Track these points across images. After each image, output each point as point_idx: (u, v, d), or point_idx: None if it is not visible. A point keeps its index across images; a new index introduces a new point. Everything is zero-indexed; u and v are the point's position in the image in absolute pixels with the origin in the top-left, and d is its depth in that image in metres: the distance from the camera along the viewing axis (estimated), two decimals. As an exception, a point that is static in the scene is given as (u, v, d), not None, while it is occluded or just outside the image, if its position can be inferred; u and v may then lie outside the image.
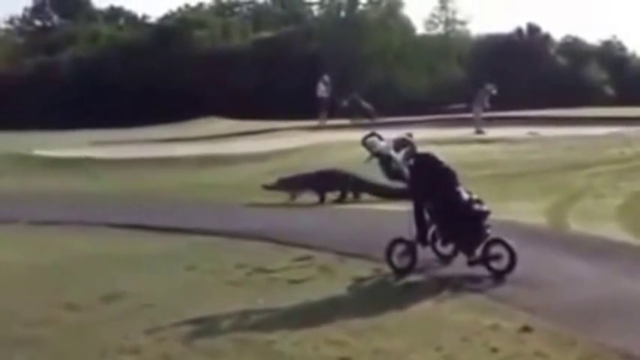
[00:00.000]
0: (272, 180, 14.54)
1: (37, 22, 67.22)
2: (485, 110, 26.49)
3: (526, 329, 6.19)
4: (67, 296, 7.58)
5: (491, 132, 24.75)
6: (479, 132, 25.31)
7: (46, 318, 6.93)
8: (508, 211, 10.67)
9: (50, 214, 13.01)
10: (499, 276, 7.69)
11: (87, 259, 9.51)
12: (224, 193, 15.60)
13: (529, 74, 49.61)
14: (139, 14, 67.66)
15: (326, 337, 6.17)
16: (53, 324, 6.78)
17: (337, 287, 7.70)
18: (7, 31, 66.32)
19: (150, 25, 62.52)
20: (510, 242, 7.78)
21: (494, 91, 26.68)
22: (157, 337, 6.35)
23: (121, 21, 66.72)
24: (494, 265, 7.78)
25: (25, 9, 67.17)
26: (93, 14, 65.86)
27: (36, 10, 67.19)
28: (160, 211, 13.53)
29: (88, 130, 34.35)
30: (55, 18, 66.94)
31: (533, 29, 56.61)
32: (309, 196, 14.10)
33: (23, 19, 67.17)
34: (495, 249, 7.80)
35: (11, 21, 66.82)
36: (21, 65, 56.47)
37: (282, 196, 14.15)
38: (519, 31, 56.52)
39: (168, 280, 8.29)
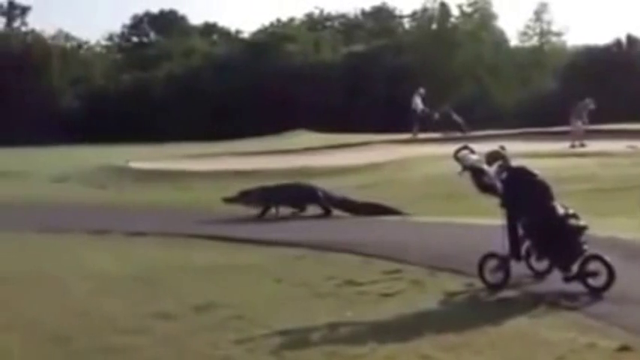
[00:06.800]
0: (233, 193, 14.60)
1: (135, 39, 69.39)
2: (585, 124, 25.95)
3: (624, 349, 5.97)
4: (161, 306, 7.73)
5: (589, 145, 24.12)
6: (581, 145, 24.74)
7: (140, 327, 7.08)
8: (606, 226, 10.29)
9: (143, 225, 13.35)
10: (596, 293, 7.44)
11: (179, 269, 9.68)
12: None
13: (628, 86, 48.07)
14: (232, 29, 69.14)
15: (417, 351, 6.08)
16: (147, 333, 6.91)
17: (428, 301, 7.59)
18: (106, 47, 68.70)
19: (243, 40, 63.66)
20: (608, 258, 7.52)
21: (592, 106, 26.12)
22: (247, 347, 6.39)
23: (215, 36, 68.18)
24: (591, 281, 7.53)
25: (124, 26, 69.54)
26: (188, 30, 67.55)
27: (133, 27, 69.39)
28: (247, 223, 13.74)
29: (182, 143, 35.21)
30: (152, 34, 68.97)
31: (632, 40, 54.89)
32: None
33: (122, 36, 69.46)
34: (593, 265, 7.55)
35: (110, 38, 69.22)
36: (118, 81, 58.40)
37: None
38: (618, 42, 54.89)
39: (258, 292, 8.35)
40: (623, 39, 55.04)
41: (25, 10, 65.69)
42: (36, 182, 22.15)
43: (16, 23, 65.71)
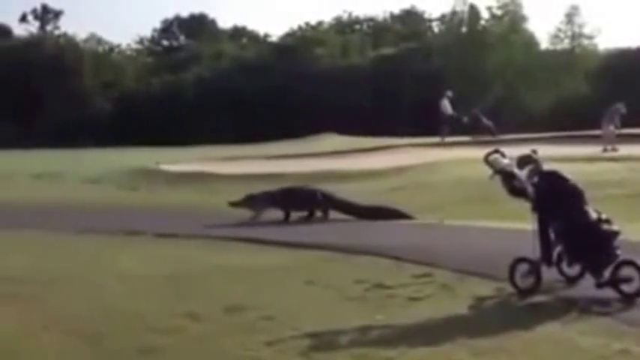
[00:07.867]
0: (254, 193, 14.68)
1: (165, 43, 69.99)
2: (617, 128, 25.73)
3: (659, 355, 5.90)
4: (191, 307, 7.77)
5: (621, 150, 23.90)
6: (612, 149, 24.52)
7: (170, 327, 7.12)
8: (639, 231, 10.19)
9: (173, 226, 13.46)
10: (629, 299, 7.35)
11: (208, 270, 9.72)
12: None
13: (660, 89, 47.47)
14: (261, 33, 69.49)
15: (447, 356, 6.06)
16: (178, 333, 6.96)
17: (458, 306, 7.55)
18: (137, 51, 69.38)
19: (271, 44, 63.91)
20: (642, 264, 7.45)
21: (623, 110, 25.90)
22: (276, 349, 6.41)
23: (244, 40, 68.54)
24: (624, 287, 7.44)
25: (154, 30, 70.20)
26: (217, 34, 67.99)
27: (164, 31, 70.00)
28: (274, 225, 13.84)
29: (210, 146, 35.42)
30: (182, 38, 69.52)
31: (665, 43, 54.22)
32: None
33: (152, 39, 70.10)
34: (626, 271, 7.46)
35: (141, 41, 69.87)
36: (148, 84, 58.94)
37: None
38: (650, 44, 54.26)
39: (288, 294, 8.36)
40: (656, 42, 54.36)
41: (57, 14, 66.74)
42: (69, 184, 22.45)
43: (49, 27, 66.72)
